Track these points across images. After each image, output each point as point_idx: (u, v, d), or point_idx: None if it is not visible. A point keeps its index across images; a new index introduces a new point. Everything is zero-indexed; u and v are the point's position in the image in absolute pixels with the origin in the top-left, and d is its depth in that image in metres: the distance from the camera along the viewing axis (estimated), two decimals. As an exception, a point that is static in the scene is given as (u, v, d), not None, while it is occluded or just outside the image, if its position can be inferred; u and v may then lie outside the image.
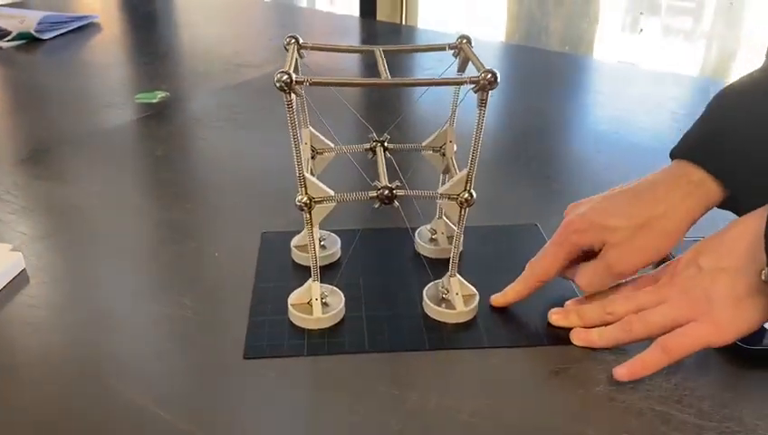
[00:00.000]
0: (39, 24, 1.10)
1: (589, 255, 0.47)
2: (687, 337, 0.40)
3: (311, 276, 0.46)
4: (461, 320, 0.47)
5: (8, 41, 1.07)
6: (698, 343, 0.40)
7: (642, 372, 0.40)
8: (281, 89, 0.39)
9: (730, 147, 0.44)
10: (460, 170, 0.46)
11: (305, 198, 0.43)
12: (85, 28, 1.17)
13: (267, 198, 0.63)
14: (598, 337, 0.43)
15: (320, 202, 0.44)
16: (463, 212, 0.45)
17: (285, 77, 0.39)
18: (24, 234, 0.57)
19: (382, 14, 1.45)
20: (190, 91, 0.91)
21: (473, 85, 0.40)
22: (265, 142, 0.76)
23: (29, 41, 1.08)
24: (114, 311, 0.48)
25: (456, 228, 0.46)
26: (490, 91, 0.40)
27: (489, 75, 0.40)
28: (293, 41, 0.45)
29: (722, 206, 0.45)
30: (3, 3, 1.62)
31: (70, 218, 0.60)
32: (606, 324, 0.44)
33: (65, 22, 1.15)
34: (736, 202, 0.44)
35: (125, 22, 1.31)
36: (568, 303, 0.47)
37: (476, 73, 0.40)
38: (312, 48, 0.46)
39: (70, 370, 0.42)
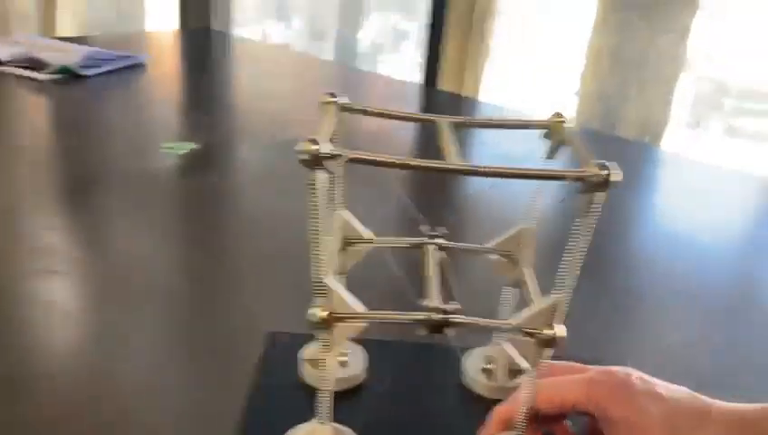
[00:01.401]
0: (84, 58, 1.05)
1: None
2: None
3: (317, 412, 0.34)
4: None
5: (48, 73, 1.02)
6: None
7: None
8: (304, 163, 0.27)
9: None
10: (536, 288, 0.33)
11: (324, 314, 0.31)
12: (133, 68, 1.11)
13: (280, 286, 0.51)
14: None
15: (342, 320, 0.31)
16: (545, 354, 0.32)
17: (313, 147, 0.27)
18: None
19: (445, 82, 1.36)
20: (222, 146, 0.83)
21: (578, 183, 0.28)
22: (297, 216, 0.65)
23: (70, 75, 1.03)
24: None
25: (528, 374, 0.32)
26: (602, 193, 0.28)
27: (605, 171, 0.27)
28: (333, 100, 0.34)
29: None
30: (63, 35, 1.61)
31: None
32: None
33: (111, 60, 1.10)
34: None
35: (174, 66, 1.26)
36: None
37: (581, 166, 0.28)
38: (357, 112, 0.35)
39: None
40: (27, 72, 1.02)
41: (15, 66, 1.03)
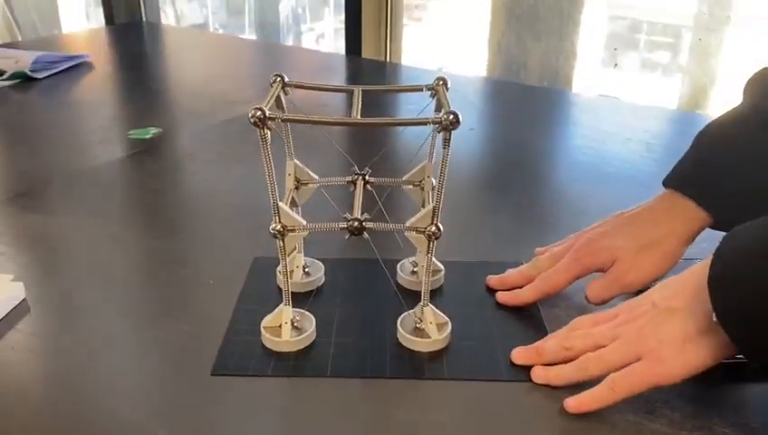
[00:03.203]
0: (33, 63, 1.14)
1: None
2: (634, 376, 0.40)
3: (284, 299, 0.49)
4: (434, 348, 0.48)
5: (3, 80, 1.11)
6: (644, 382, 0.40)
7: (590, 406, 0.41)
8: (254, 124, 0.42)
9: (715, 179, 0.50)
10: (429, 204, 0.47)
11: (279, 226, 0.46)
12: (78, 67, 1.20)
13: (260, 228, 0.66)
14: (555, 376, 0.44)
15: (292, 230, 0.46)
16: (431, 244, 0.46)
17: (259, 113, 0.42)
18: (21, 265, 0.59)
19: (367, 51, 1.49)
20: (182, 128, 0.94)
21: (436, 126, 0.42)
22: (257, 175, 0.79)
23: (23, 80, 1.12)
24: (108, 336, 0.50)
25: (425, 259, 0.47)
26: (453, 132, 0.42)
27: (451, 116, 0.42)
28: (279, 79, 0.49)
29: (713, 228, 0.50)
30: None
31: (65, 250, 0.63)
32: (566, 361, 0.44)
33: (58, 62, 1.19)
34: (724, 227, 0.46)
35: (116, 61, 1.35)
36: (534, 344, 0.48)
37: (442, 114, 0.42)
38: (296, 86, 0.49)
39: (69, 392, 0.45)
40: None
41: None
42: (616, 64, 1.43)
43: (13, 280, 0.54)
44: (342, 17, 1.51)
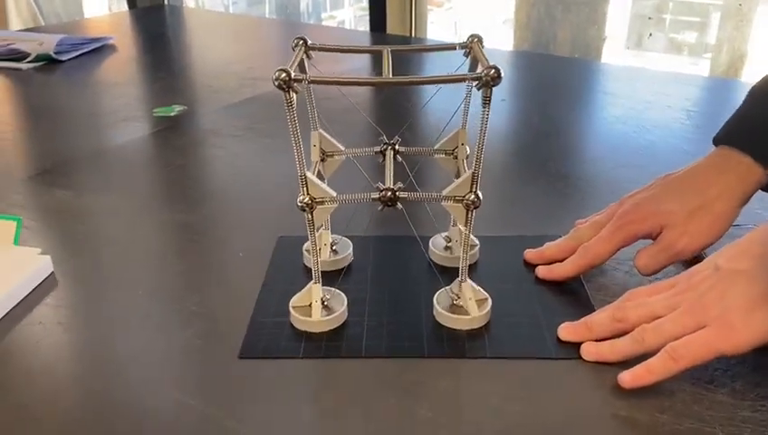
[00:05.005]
0: (57, 45, 1.13)
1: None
2: (697, 344, 0.37)
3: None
4: (474, 326, 0.45)
5: (28, 62, 1.11)
6: (709, 351, 0.37)
7: (648, 379, 0.38)
8: (279, 87, 0.39)
9: None
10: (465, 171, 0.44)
11: (307, 199, 0.43)
12: (101, 50, 1.20)
13: (286, 204, 0.63)
14: (609, 350, 0.40)
15: (321, 203, 0.43)
16: (470, 215, 0.43)
17: (284, 75, 0.38)
18: (48, 239, 0.58)
19: (392, 28, 1.45)
20: (206, 105, 0.93)
21: (476, 82, 0.39)
22: (284, 150, 0.76)
23: (48, 62, 1.11)
24: (136, 309, 0.49)
25: (463, 231, 0.44)
26: (494, 89, 0.39)
27: (492, 71, 0.38)
28: (301, 42, 0.45)
29: (765, 189, 0.48)
30: (20, 29, 1.71)
31: (91, 224, 0.61)
32: (618, 335, 0.41)
33: (82, 44, 1.18)
34: None
35: (139, 43, 1.34)
36: (582, 319, 0.45)
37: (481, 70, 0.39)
38: (320, 49, 0.46)
39: (97, 366, 0.43)
40: (10, 64, 1.10)
41: (-2, 59, 1.12)
42: (650, 35, 1.38)
43: (40, 253, 0.53)
44: (362, 4, 1.47)
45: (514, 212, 0.62)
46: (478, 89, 0.39)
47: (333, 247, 0.53)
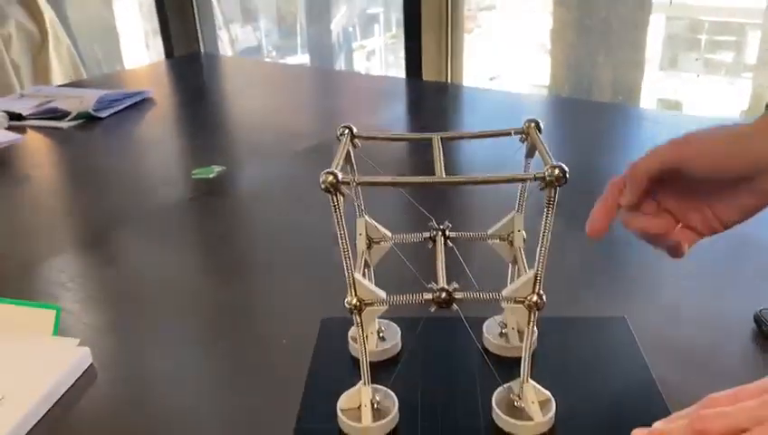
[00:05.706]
0: (97, 102, 1.14)
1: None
2: None
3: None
4: (537, 432, 0.42)
5: (68, 120, 1.12)
6: None
7: None
8: (326, 190, 0.36)
9: None
10: (529, 264, 0.41)
11: (355, 300, 0.40)
12: (140, 104, 1.20)
13: (330, 278, 0.61)
14: None
15: (370, 305, 0.40)
16: (532, 316, 0.40)
17: (330, 178, 0.36)
18: (89, 325, 0.56)
19: (428, 71, 1.44)
20: (245, 165, 0.91)
21: (538, 182, 0.36)
22: (325, 218, 0.74)
23: (87, 120, 1.12)
24: (178, 402, 0.47)
25: (526, 332, 0.41)
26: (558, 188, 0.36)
27: (557, 171, 0.35)
28: (347, 131, 0.43)
29: None
30: (62, 82, 1.74)
31: (133, 305, 0.60)
32: None
33: (121, 99, 1.19)
34: None
35: (176, 95, 1.34)
36: (656, 424, 0.41)
37: (542, 168, 0.36)
38: (367, 138, 0.43)
39: None
40: (51, 123, 1.11)
41: (39, 118, 1.13)
42: (697, 59, 1.33)
43: (79, 344, 0.52)
44: (392, 33, 1.47)
45: (569, 287, 0.57)
46: (541, 189, 0.36)
47: (380, 334, 0.50)
